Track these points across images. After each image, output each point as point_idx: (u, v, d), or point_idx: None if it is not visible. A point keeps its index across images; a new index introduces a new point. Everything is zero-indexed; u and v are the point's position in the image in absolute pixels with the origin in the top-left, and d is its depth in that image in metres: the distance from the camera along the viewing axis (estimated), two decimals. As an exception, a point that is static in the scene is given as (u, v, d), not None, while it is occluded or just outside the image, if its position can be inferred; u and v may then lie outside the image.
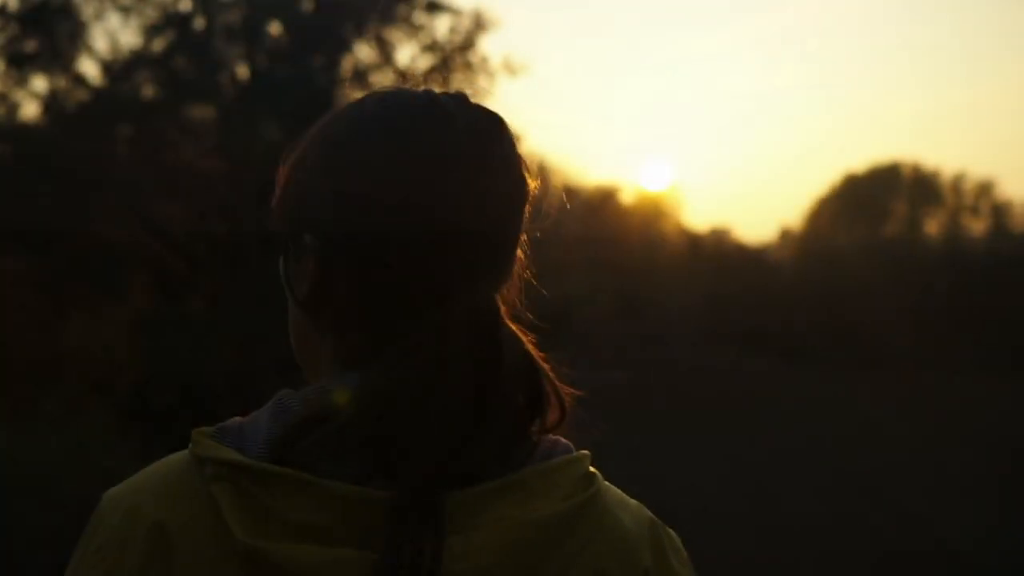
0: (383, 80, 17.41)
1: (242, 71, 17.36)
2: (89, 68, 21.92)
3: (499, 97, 17.56)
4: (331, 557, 1.00)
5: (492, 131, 1.16)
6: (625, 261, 35.78)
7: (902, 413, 22.44)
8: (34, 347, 14.90)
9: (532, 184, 1.18)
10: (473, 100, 1.18)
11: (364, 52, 17.73)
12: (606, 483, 1.16)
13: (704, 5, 72.83)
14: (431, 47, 17.71)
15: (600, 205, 39.25)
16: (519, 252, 1.20)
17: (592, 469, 1.15)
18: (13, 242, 16.00)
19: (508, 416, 1.09)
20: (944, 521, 13.06)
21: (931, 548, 11.97)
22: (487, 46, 29.28)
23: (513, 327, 1.15)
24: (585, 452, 1.16)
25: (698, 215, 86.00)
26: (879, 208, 47.22)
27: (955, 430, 20.26)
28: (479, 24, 17.66)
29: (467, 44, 17.71)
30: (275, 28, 17.51)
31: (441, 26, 17.91)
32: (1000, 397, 25.07)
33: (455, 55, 17.70)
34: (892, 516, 13.39)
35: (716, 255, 41.42)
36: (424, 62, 17.69)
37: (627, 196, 45.12)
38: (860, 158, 79.17)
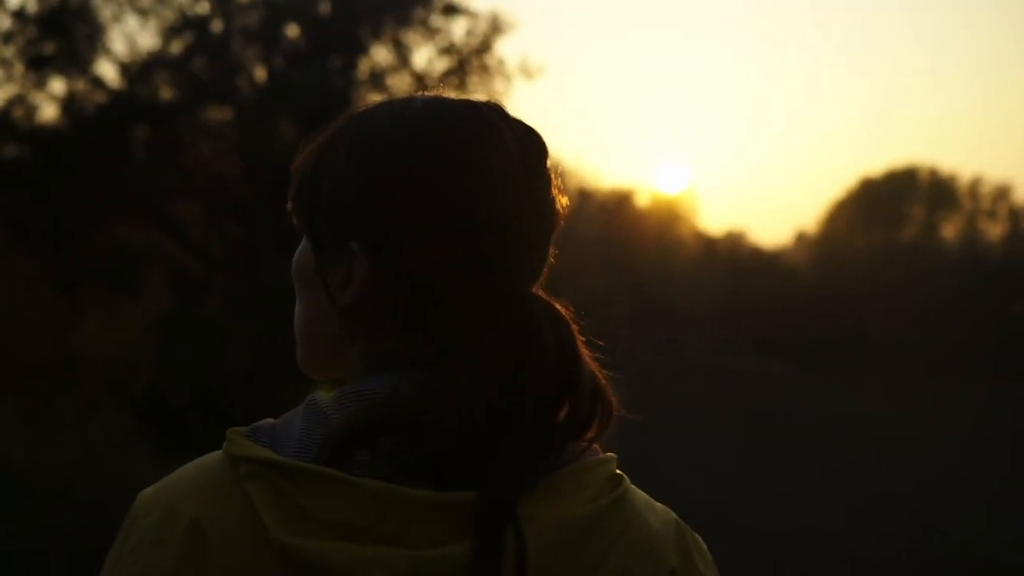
0: (400, 82, 17.45)
1: (259, 73, 17.40)
2: (107, 70, 21.98)
3: (516, 100, 17.55)
4: (366, 555, 1.01)
5: (538, 147, 1.18)
6: (640, 264, 35.76)
7: (918, 417, 22.37)
8: (50, 347, 14.96)
9: (563, 200, 1.20)
10: (509, 111, 1.20)
11: (381, 54, 17.75)
12: (633, 486, 1.17)
13: (721, 9, 72.82)
14: (448, 50, 17.72)
15: (616, 208, 39.23)
16: None
17: (619, 471, 1.16)
18: (30, 242, 16.07)
19: (578, 430, 1.11)
20: (962, 527, 13.01)
21: (944, 553, 11.93)
22: (504, 49, 29.27)
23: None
24: (612, 455, 1.17)
25: (714, 218, 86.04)
26: (895, 212, 47.09)
27: (972, 434, 20.19)
28: (496, 27, 17.66)
29: (484, 47, 17.70)
30: (292, 30, 17.55)
31: (458, 29, 17.86)
32: (1017, 401, 24.98)
33: (472, 58, 17.70)
34: (908, 521, 13.35)
35: (731, 258, 41.39)
36: (441, 65, 17.71)
37: (643, 199, 45.10)
38: (877, 162, 79.10)
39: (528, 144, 1.17)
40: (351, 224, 1.14)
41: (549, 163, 1.19)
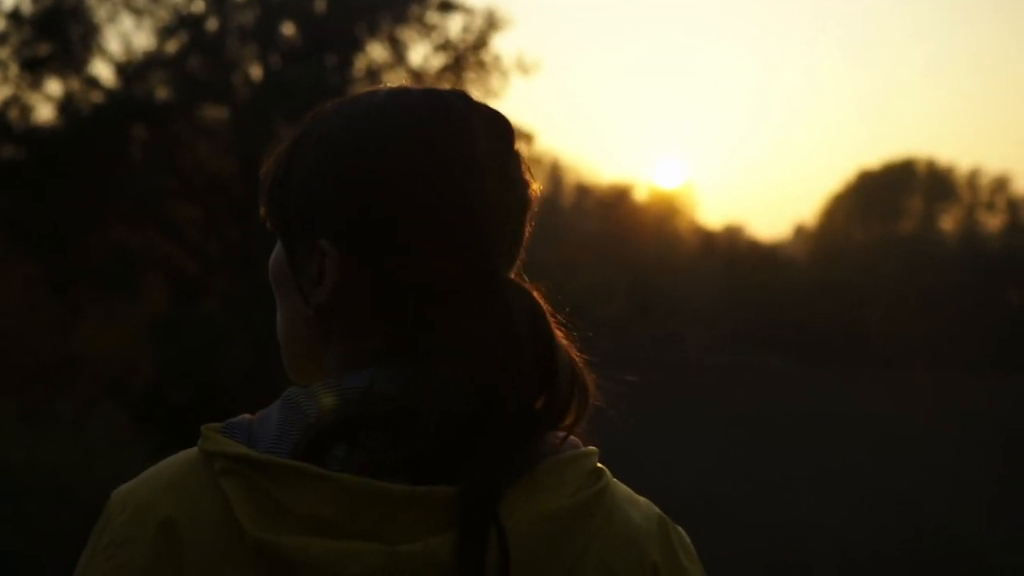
0: (396, 79, 17.43)
1: (256, 71, 17.39)
2: (103, 70, 22.02)
3: (512, 96, 17.54)
4: (339, 549, 1.00)
5: (506, 132, 1.16)
6: (639, 258, 35.78)
7: (915, 413, 22.37)
8: (48, 348, 14.96)
9: (535, 186, 1.18)
10: (474, 97, 1.17)
11: (377, 52, 17.75)
12: (614, 480, 1.15)
13: (718, 4, 72.79)
14: (444, 46, 17.71)
15: (614, 203, 39.28)
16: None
17: (600, 465, 1.15)
18: (28, 243, 16.07)
19: (556, 418, 1.10)
20: (955, 524, 13.01)
21: (936, 550, 11.93)
22: (500, 45, 29.25)
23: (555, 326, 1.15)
24: (593, 448, 1.15)
25: (712, 212, 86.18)
26: (894, 204, 47.08)
27: (969, 431, 20.18)
28: (492, 23, 17.66)
29: (480, 43, 17.70)
30: (288, 28, 17.54)
31: (454, 25, 17.86)
32: (1017, 393, 24.98)
33: (468, 54, 17.70)
34: (903, 517, 13.35)
35: (730, 252, 41.39)
36: (437, 61, 17.71)
37: (641, 193, 45.18)
38: (875, 154, 79.15)
39: (494, 128, 1.15)
40: (320, 221, 1.12)
41: (517, 146, 1.17)
